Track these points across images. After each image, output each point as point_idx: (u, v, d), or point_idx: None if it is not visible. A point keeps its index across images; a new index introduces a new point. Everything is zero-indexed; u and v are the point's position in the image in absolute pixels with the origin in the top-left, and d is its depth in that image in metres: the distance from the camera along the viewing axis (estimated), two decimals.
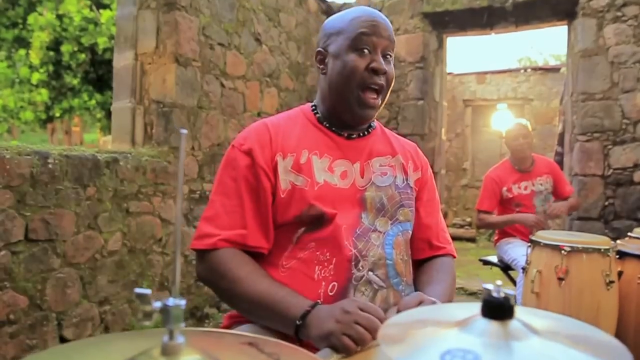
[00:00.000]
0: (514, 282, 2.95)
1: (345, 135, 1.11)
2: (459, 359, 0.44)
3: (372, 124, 1.17)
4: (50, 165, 2.25)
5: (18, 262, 2.11)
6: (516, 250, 2.89)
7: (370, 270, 1.01)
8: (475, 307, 0.50)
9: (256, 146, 1.03)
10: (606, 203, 3.98)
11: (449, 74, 8.28)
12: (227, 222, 1.01)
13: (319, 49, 1.13)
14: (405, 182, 1.13)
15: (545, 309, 2.27)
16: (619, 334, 2.19)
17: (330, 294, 0.98)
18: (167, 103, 3.13)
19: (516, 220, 3.00)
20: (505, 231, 3.16)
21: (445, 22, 4.87)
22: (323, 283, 0.98)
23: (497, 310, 0.48)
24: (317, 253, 1.00)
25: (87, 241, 2.47)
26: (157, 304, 0.45)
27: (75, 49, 10.83)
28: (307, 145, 1.06)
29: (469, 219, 8.43)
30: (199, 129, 3.38)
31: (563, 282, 2.18)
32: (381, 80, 1.06)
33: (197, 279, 1.09)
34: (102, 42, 10.37)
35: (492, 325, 0.48)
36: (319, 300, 0.94)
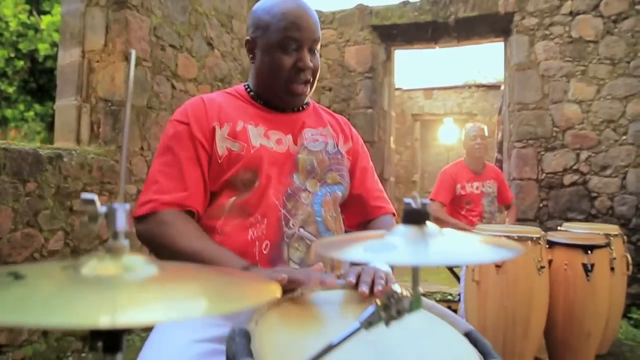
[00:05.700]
0: (457, 278, 3.09)
1: (279, 110, 1.19)
2: (378, 248, 0.50)
3: (307, 101, 1.24)
4: None
5: None
6: None
7: (301, 227, 1.07)
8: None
9: (192, 120, 1.10)
10: (540, 205, 4.25)
11: (398, 89, 8.56)
12: (167, 187, 1.05)
13: (248, 37, 1.17)
14: (336, 149, 1.21)
15: (485, 295, 2.43)
16: (550, 315, 2.39)
17: (265, 252, 1.04)
18: (116, 101, 3.09)
19: (457, 227, 3.13)
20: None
21: (393, 35, 5.07)
22: (257, 243, 1.04)
23: (415, 216, 0.55)
24: (250, 218, 1.05)
25: (26, 239, 2.37)
26: (103, 208, 0.47)
27: (12, 55, 10.28)
28: (242, 117, 1.13)
29: None
30: (148, 129, 3.34)
31: (500, 269, 2.35)
32: (307, 75, 1.13)
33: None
34: (43, 49, 9.86)
35: (411, 229, 0.54)
36: (257, 265, 1.00)
